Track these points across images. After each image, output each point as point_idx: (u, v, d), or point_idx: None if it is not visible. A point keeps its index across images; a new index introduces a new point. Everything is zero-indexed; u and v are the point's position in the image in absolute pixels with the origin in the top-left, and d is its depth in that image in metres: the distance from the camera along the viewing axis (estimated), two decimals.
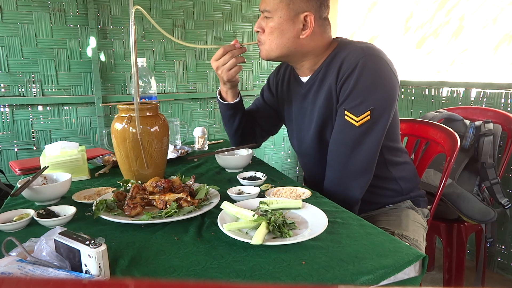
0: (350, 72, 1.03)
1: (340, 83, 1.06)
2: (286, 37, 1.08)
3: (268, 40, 1.10)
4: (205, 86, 2.58)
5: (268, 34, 1.10)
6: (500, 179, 1.48)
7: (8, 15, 2.03)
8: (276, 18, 1.07)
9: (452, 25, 2.37)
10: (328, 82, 1.10)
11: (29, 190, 1.00)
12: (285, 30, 1.08)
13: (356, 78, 1.02)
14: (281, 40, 1.09)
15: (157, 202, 0.95)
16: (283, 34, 1.08)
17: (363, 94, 1.02)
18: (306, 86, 1.19)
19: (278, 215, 0.85)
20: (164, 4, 2.38)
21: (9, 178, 1.95)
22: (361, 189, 1.11)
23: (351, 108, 1.04)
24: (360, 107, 1.03)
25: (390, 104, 1.05)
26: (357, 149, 1.06)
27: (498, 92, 1.83)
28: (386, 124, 1.07)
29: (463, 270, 1.52)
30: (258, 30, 1.12)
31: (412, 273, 0.74)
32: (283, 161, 2.96)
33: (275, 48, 1.10)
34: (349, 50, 1.07)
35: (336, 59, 1.09)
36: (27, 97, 2.13)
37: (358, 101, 1.03)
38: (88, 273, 0.64)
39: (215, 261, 0.72)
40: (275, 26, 1.08)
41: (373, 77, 1.02)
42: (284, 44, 1.09)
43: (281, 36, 1.08)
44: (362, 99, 1.02)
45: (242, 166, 1.38)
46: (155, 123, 1.15)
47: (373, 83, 1.02)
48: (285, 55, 1.12)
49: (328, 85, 1.10)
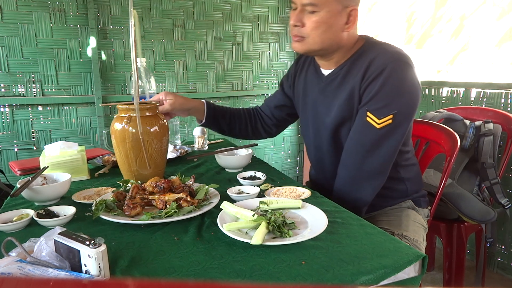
0: (377, 74, 1.02)
1: (365, 84, 1.05)
2: (332, 31, 1.06)
3: (312, 35, 1.06)
4: (205, 86, 2.58)
5: (312, 28, 1.05)
6: (500, 179, 1.48)
7: (8, 15, 2.03)
8: (324, 13, 1.03)
9: (452, 25, 2.37)
10: (351, 80, 1.09)
11: (29, 190, 1.00)
12: (332, 24, 1.05)
13: (382, 81, 1.02)
14: (327, 34, 1.06)
15: (157, 202, 0.95)
16: (330, 28, 1.05)
17: (388, 97, 1.02)
18: (327, 80, 1.17)
19: (278, 215, 0.85)
20: (164, 4, 2.38)
21: (9, 178, 1.95)
22: (373, 191, 1.11)
23: (374, 110, 1.04)
24: (383, 110, 1.03)
25: (412, 111, 1.06)
26: (375, 151, 1.06)
27: (498, 92, 1.83)
28: (406, 130, 1.07)
29: (463, 270, 1.52)
30: (297, 24, 1.07)
31: (412, 273, 0.74)
32: (283, 161, 2.96)
33: (320, 42, 1.07)
34: (377, 52, 1.06)
35: (363, 59, 1.08)
36: (27, 97, 2.13)
37: (382, 104, 1.03)
38: (88, 273, 0.64)
39: (215, 261, 0.72)
40: (322, 20, 1.04)
41: (400, 82, 1.02)
42: (329, 38, 1.06)
43: (328, 31, 1.05)
44: (386, 102, 1.02)
45: (242, 166, 1.38)
46: (154, 123, 1.15)
47: (399, 88, 1.02)
48: (325, 49, 1.09)
49: (351, 83, 1.09)
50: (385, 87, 1.02)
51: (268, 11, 2.69)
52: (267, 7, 2.68)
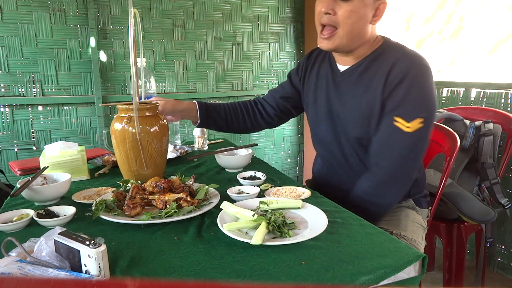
0: (401, 79, 1.02)
1: (389, 89, 1.04)
2: (362, 22, 1.04)
3: (344, 24, 1.04)
4: (205, 86, 2.58)
5: (344, 17, 1.03)
6: (500, 179, 1.48)
7: (8, 15, 2.02)
8: (358, 2, 1.01)
9: (452, 25, 2.37)
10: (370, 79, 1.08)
11: (29, 190, 1.00)
12: (363, 16, 1.03)
13: (408, 86, 1.02)
14: (357, 25, 1.04)
15: (157, 202, 0.95)
16: (361, 19, 1.04)
17: (415, 101, 1.03)
18: (343, 76, 1.15)
19: (278, 215, 0.85)
20: (164, 4, 2.38)
21: (9, 178, 1.95)
22: (398, 197, 1.11)
23: (403, 114, 1.03)
24: (412, 113, 1.02)
25: (435, 114, 1.07)
26: (409, 155, 1.05)
27: (498, 92, 1.83)
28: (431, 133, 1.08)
29: (463, 270, 1.52)
30: (328, 12, 1.04)
31: (412, 273, 0.74)
32: (283, 161, 2.96)
33: (349, 32, 1.04)
34: (398, 55, 1.06)
35: (382, 59, 1.07)
36: (27, 97, 2.13)
37: (410, 107, 1.03)
38: (88, 273, 0.64)
39: (215, 261, 0.72)
40: (355, 9, 1.02)
41: (424, 87, 1.03)
42: (358, 30, 1.05)
43: (358, 21, 1.04)
44: (414, 106, 1.03)
45: (242, 166, 1.38)
46: (154, 123, 1.15)
47: (424, 92, 1.03)
48: (352, 42, 1.07)
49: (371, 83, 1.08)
50: (411, 92, 1.02)
51: (268, 11, 2.69)
52: (267, 7, 2.68)
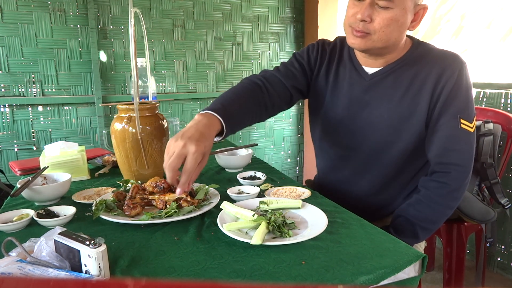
0: (455, 81, 1.01)
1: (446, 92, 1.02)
2: (402, 29, 1.01)
3: (381, 32, 0.99)
4: (205, 86, 2.58)
5: (383, 26, 0.97)
6: (500, 179, 1.48)
7: (8, 15, 2.03)
8: (398, 10, 0.96)
9: (452, 25, 2.37)
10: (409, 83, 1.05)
11: (29, 190, 1.00)
12: (403, 23, 0.99)
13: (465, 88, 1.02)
14: (396, 32, 1.00)
15: (157, 202, 0.95)
16: (401, 26, 0.99)
17: (472, 102, 1.04)
18: (373, 79, 1.10)
19: (278, 215, 0.85)
20: (164, 4, 2.38)
21: (9, 178, 1.95)
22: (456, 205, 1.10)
23: (465, 116, 1.02)
24: (472, 113, 1.03)
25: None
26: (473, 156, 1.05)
27: (498, 92, 1.83)
28: None
29: (463, 270, 1.52)
30: (365, 19, 0.98)
31: (412, 272, 0.74)
32: (283, 161, 2.96)
33: (386, 40, 1.00)
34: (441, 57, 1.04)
35: (427, 63, 1.05)
36: (27, 97, 2.13)
37: (470, 109, 1.03)
38: (88, 273, 0.64)
39: (215, 261, 0.72)
40: (395, 18, 0.97)
41: (469, 87, 1.04)
42: (396, 37, 1.01)
43: (398, 29, 0.99)
44: (471, 106, 1.04)
45: (242, 166, 1.38)
46: (154, 123, 1.15)
47: (471, 92, 1.04)
48: (387, 47, 1.03)
49: (412, 88, 1.05)
50: (467, 92, 1.02)
51: (268, 11, 2.69)
52: (267, 7, 2.68)
